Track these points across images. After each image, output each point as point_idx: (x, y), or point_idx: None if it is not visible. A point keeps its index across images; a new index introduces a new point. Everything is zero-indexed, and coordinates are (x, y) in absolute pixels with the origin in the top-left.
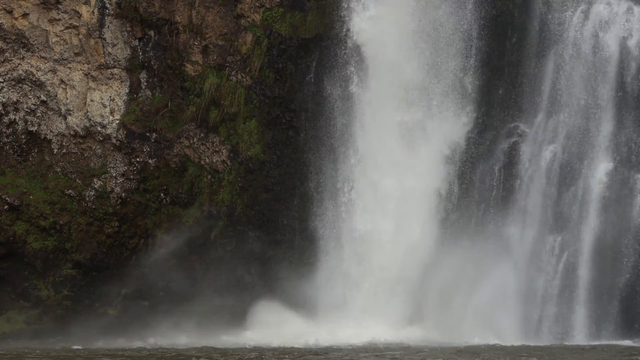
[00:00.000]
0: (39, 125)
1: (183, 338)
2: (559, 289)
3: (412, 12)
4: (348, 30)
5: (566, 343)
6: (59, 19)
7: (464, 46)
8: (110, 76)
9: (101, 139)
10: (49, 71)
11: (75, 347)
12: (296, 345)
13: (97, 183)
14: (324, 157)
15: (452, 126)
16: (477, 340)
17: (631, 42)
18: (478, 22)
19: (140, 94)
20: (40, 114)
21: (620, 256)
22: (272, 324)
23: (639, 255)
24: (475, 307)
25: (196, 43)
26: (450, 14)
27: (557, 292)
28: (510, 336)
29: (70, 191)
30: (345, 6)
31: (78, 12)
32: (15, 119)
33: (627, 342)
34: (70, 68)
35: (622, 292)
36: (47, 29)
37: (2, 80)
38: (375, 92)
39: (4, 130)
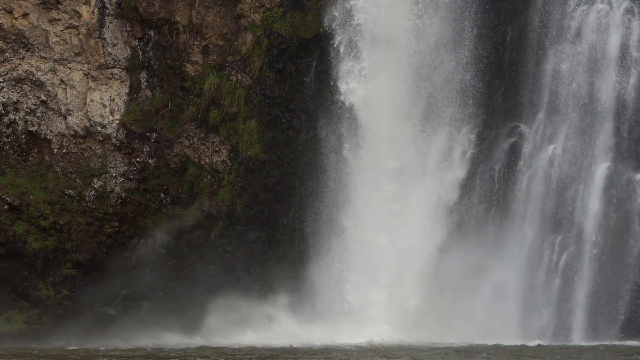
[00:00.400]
0: (39, 125)
1: (182, 338)
2: (559, 288)
3: (407, 69)
4: (336, 83)
5: (566, 343)
6: (59, 19)
7: (461, 93)
8: (110, 76)
9: (101, 139)
10: (49, 71)
11: (74, 347)
12: (295, 345)
13: (97, 183)
14: (321, 218)
15: (448, 184)
16: (477, 340)
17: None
18: (476, 65)
19: (140, 94)
20: (40, 114)
21: (622, 253)
22: (270, 323)
23: None
24: (475, 308)
25: (196, 43)
26: (446, 61)
27: (557, 292)
28: (511, 336)
29: (70, 191)
30: (334, 54)
31: (78, 12)
32: (15, 119)
33: (630, 342)
34: (70, 68)
35: (624, 290)
36: (47, 29)
37: (2, 80)
38: (368, 160)
39: (4, 130)
